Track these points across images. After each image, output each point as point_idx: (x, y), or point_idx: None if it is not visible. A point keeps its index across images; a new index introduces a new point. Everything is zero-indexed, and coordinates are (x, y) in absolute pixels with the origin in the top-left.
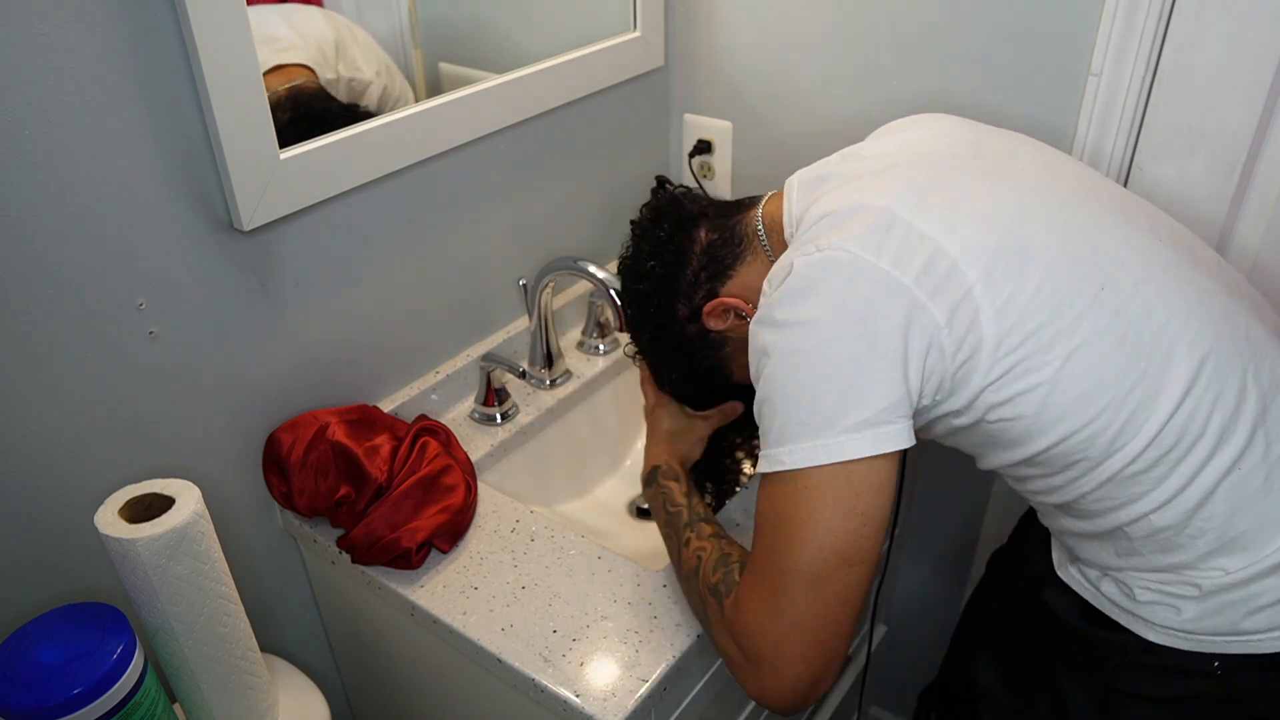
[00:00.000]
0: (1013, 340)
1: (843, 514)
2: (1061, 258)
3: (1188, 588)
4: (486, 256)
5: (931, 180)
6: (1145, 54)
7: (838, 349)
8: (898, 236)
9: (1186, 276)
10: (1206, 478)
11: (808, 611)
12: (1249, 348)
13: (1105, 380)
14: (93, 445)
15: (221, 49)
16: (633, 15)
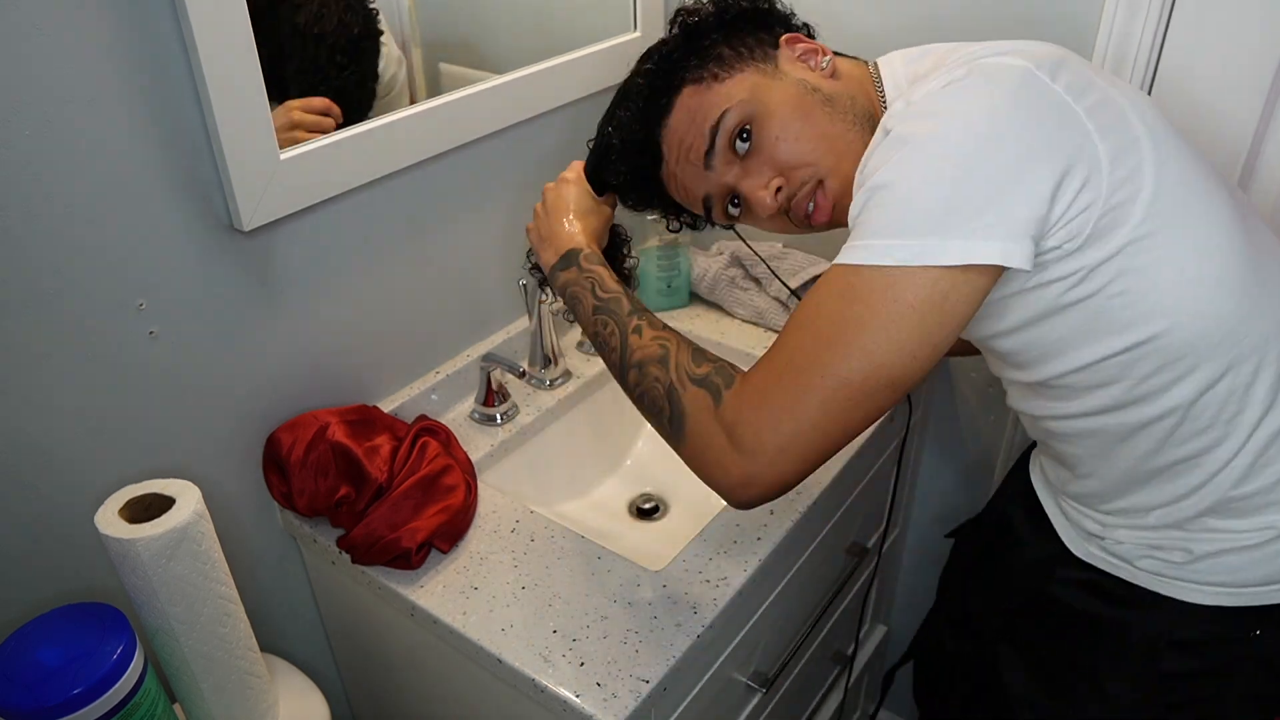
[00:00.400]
0: (1163, 202)
1: (922, 336)
2: (1208, 175)
3: (1248, 535)
4: (486, 256)
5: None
6: (1145, 54)
7: (994, 147)
8: (1069, 73)
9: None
10: (1274, 421)
11: (832, 420)
12: None
13: (1231, 283)
14: (93, 445)
15: (221, 49)
16: (633, 15)
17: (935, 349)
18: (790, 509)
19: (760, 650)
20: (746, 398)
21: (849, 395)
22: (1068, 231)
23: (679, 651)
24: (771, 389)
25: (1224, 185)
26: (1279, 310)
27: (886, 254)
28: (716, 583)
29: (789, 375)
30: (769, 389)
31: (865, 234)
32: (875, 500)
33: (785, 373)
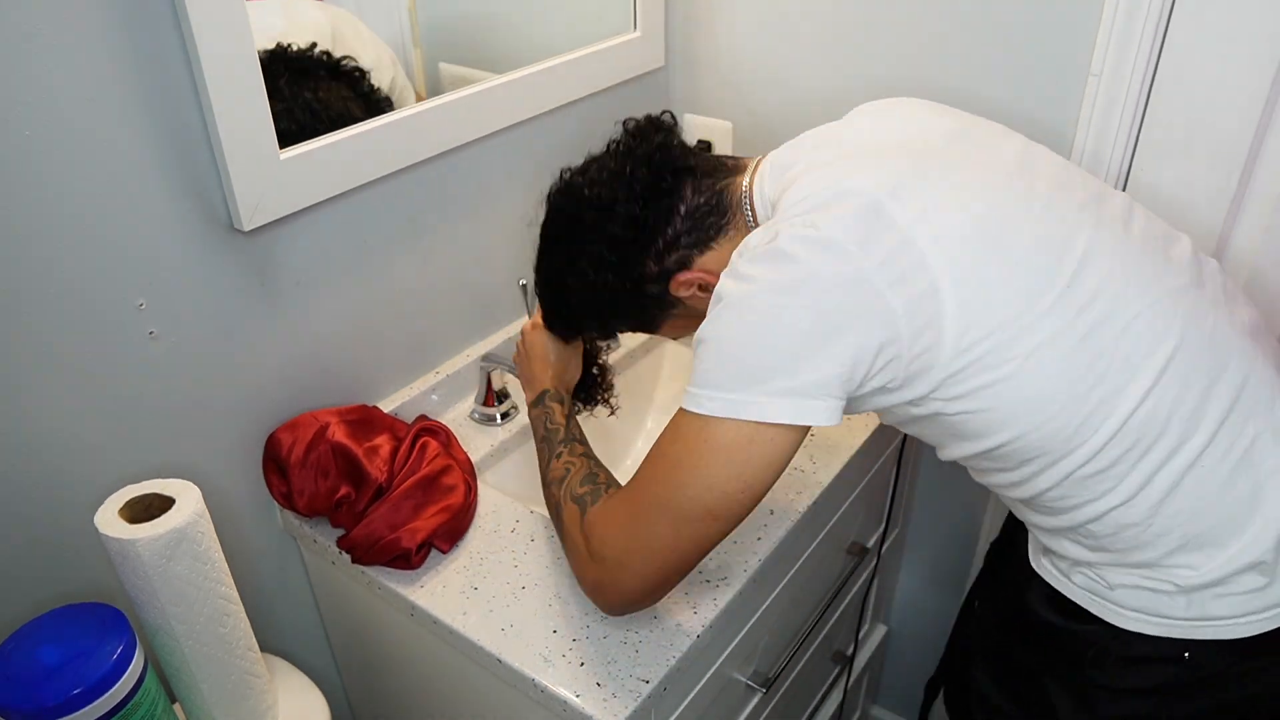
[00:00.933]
0: (974, 335)
1: (730, 475)
2: (1029, 253)
3: (1160, 584)
4: (486, 256)
5: (906, 169)
6: (1145, 54)
7: (787, 315)
8: (869, 222)
9: (1155, 273)
10: (1168, 475)
11: (661, 541)
12: (1214, 346)
13: (1066, 378)
14: (93, 445)
15: (222, 49)
16: (633, 15)
17: (748, 484)
18: (790, 509)
19: (760, 650)
20: (601, 513)
21: (672, 521)
22: (882, 379)
23: (679, 651)
24: (618, 508)
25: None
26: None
27: (700, 404)
28: (716, 583)
29: (632, 498)
30: (617, 508)
31: (691, 383)
32: (875, 500)
33: (630, 495)
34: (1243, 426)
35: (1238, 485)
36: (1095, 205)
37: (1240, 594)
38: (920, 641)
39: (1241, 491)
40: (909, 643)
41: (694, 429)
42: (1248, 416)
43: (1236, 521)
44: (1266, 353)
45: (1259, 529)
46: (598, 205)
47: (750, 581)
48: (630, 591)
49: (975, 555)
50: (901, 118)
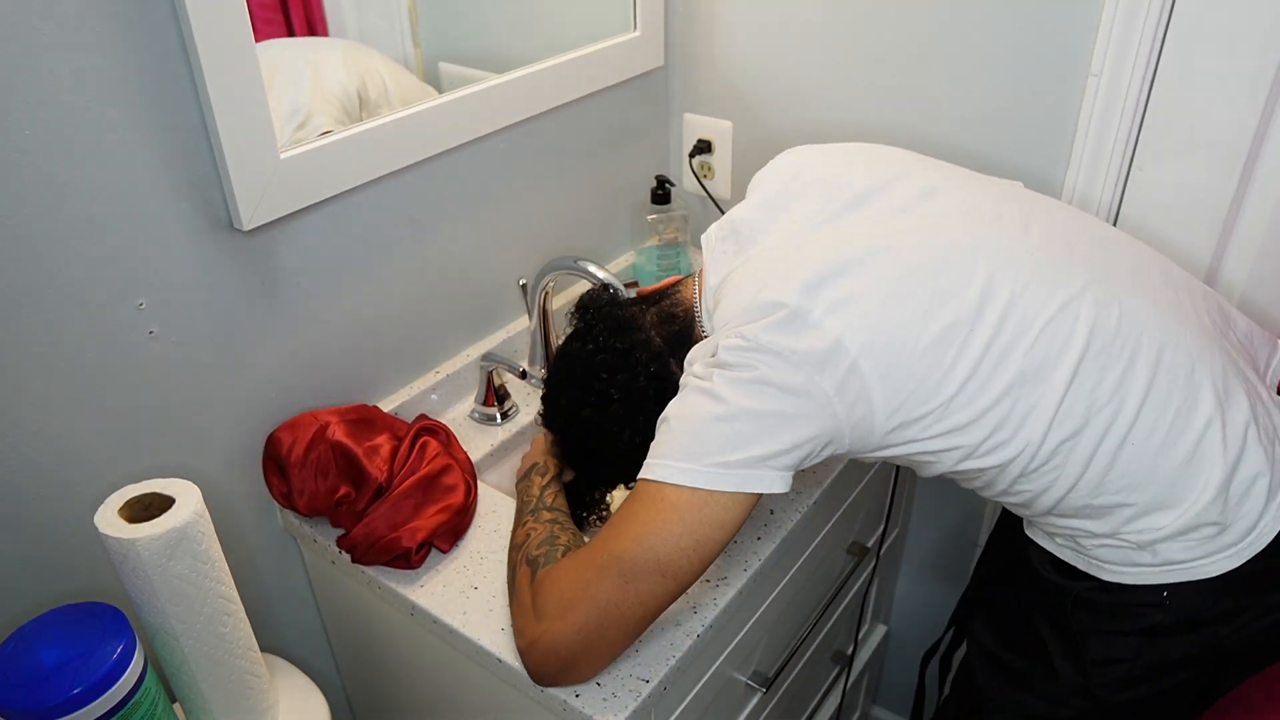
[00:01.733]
0: (898, 401)
1: (680, 533)
2: (930, 309)
3: (1126, 542)
4: (486, 256)
5: (812, 259)
6: (1145, 54)
7: (738, 401)
8: (792, 327)
9: (1055, 278)
10: (1103, 457)
11: (607, 595)
12: (1124, 330)
13: (989, 403)
14: (93, 445)
15: (222, 49)
16: (633, 15)
17: (698, 542)
18: (790, 509)
19: (760, 650)
20: (552, 571)
21: (622, 574)
22: (829, 451)
23: (679, 651)
24: (570, 565)
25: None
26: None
27: (654, 471)
28: (716, 583)
29: (586, 555)
30: (569, 565)
31: (650, 454)
32: (875, 500)
33: (583, 554)
34: (1167, 398)
35: (1173, 452)
36: (995, 222)
37: (1199, 540)
38: (920, 642)
39: (1178, 457)
40: (909, 643)
41: (650, 492)
42: (1170, 387)
43: (1180, 485)
44: (1186, 321)
45: (1200, 489)
46: (596, 399)
47: (750, 581)
48: (564, 646)
49: (975, 555)
50: (810, 184)
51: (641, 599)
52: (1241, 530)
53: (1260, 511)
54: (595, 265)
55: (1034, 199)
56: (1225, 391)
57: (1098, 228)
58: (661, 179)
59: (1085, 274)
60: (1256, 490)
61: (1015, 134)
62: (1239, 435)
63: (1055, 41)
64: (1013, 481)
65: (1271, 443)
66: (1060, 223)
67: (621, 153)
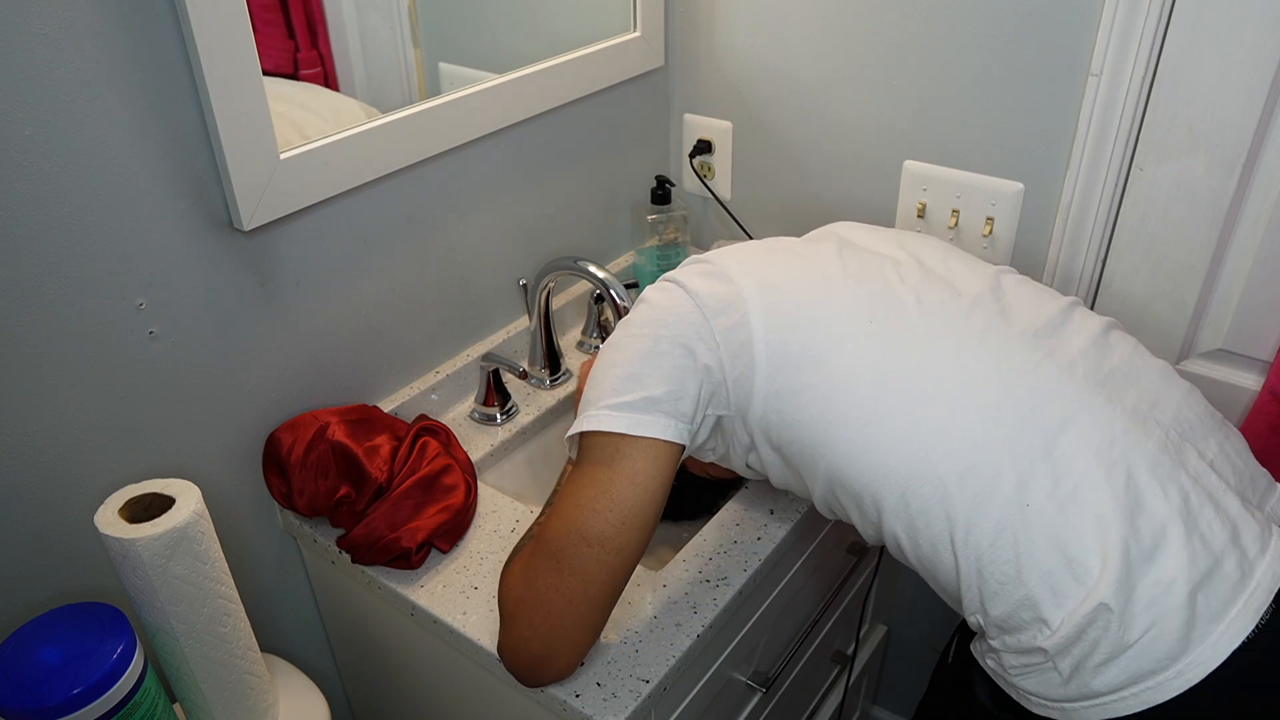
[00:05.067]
0: (779, 358)
1: (593, 493)
2: (840, 299)
3: (1031, 655)
4: (486, 256)
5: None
6: (1145, 54)
7: (630, 343)
8: (705, 270)
9: (972, 327)
10: (991, 514)
11: (546, 581)
12: (1032, 386)
13: (865, 406)
14: (93, 445)
15: (221, 49)
16: (633, 15)
17: (615, 504)
18: (790, 509)
19: (760, 650)
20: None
21: (550, 554)
22: (714, 407)
23: (679, 651)
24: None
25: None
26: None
27: (570, 431)
28: (716, 583)
29: (529, 546)
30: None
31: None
32: None
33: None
34: (1069, 466)
35: (1072, 520)
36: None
37: (1112, 660)
38: (920, 641)
39: (1075, 533)
40: (909, 643)
41: (568, 471)
42: (1073, 456)
43: (1075, 565)
44: (1114, 395)
45: (1096, 577)
46: None
47: (750, 581)
48: (525, 647)
49: None
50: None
51: (579, 576)
52: (1158, 654)
53: (1182, 626)
54: (595, 265)
55: (988, 275)
56: (1145, 481)
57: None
58: (661, 179)
59: (996, 322)
60: (1171, 596)
61: (1015, 134)
62: (1156, 528)
63: (1055, 41)
64: (897, 518)
65: (1204, 544)
66: (976, 277)
67: (621, 153)
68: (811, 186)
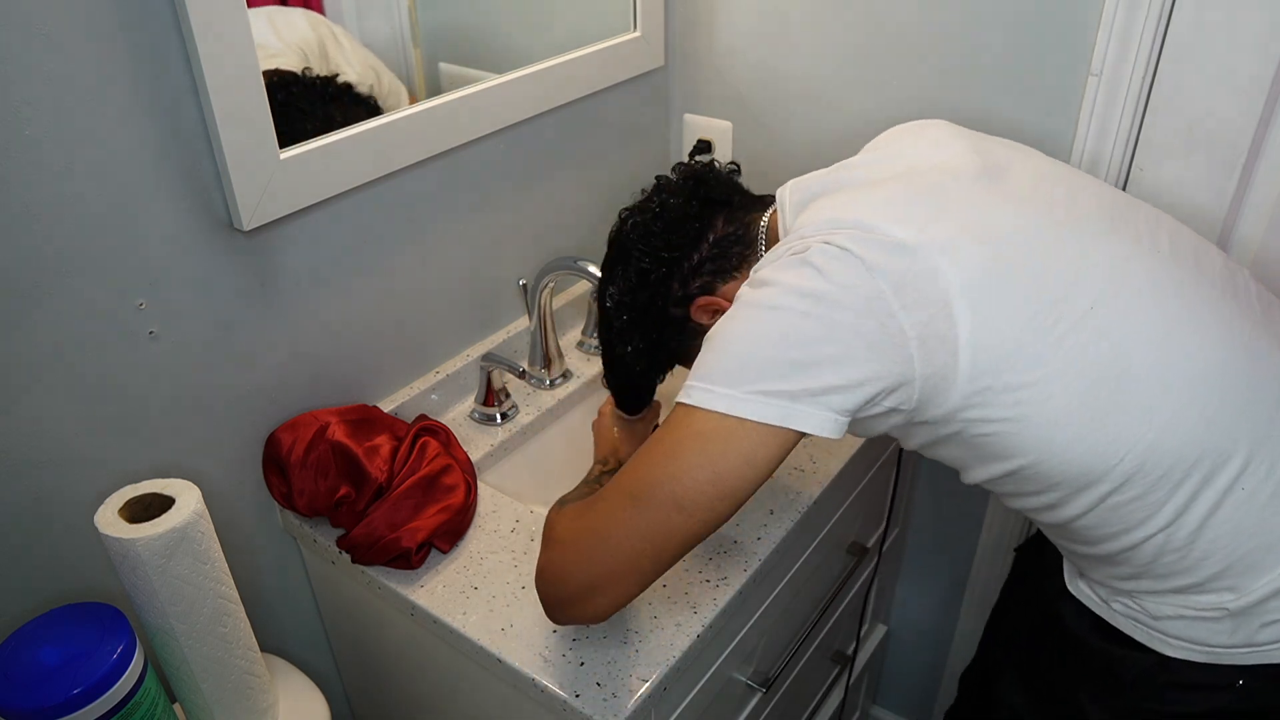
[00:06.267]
0: (989, 359)
1: (700, 464)
2: (1047, 277)
3: (1203, 610)
4: (486, 256)
5: (919, 193)
6: (1145, 54)
7: (796, 320)
8: (884, 245)
9: (1183, 293)
10: (1204, 501)
11: (618, 525)
12: (1249, 362)
13: (1083, 403)
14: (93, 445)
15: (221, 48)
16: (633, 15)
17: (717, 477)
18: (790, 509)
19: (760, 650)
20: (573, 505)
21: (634, 503)
22: (894, 401)
23: (679, 651)
24: (590, 499)
25: (1140, 279)
26: (1195, 422)
27: (689, 395)
28: (716, 583)
29: (606, 488)
30: (588, 498)
31: (690, 375)
32: (875, 500)
33: (605, 488)
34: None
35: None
36: (1119, 225)
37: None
38: (920, 641)
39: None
40: (909, 643)
41: (678, 419)
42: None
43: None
44: None
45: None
46: (640, 229)
47: (750, 581)
48: (568, 574)
49: (975, 555)
50: (922, 141)
51: (652, 532)
52: None
53: None
54: (595, 265)
55: (1155, 210)
56: None
57: (1217, 250)
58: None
59: (1210, 293)
60: None
61: (1015, 133)
62: None
63: (1055, 41)
64: (1092, 508)
65: None
66: (1184, 237)
67: (621, 153)
68: None
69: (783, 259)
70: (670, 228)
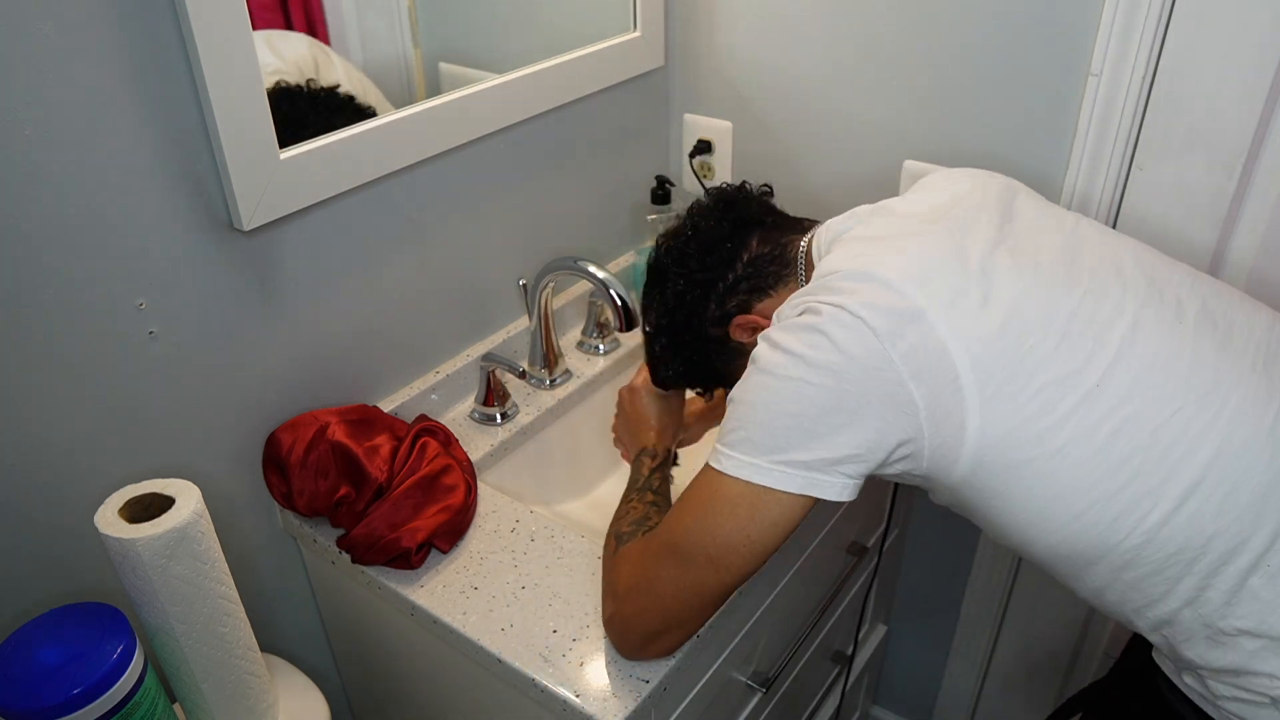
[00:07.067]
0: (995, 434)
1: (734, 527)
2: (1060, 349)
3: (1254, 695)
4: (486, 256)
5: (945, 255)
6: (1145, 54)
7: (809, 391)
8: (898, 310)
9: (1202, 361)
10: (1228, 577)
11: (664, 580)
12: (1273, 445)
13: (1093, 477)
14: (93, 445)
15: (222, 49)
16: (633, 15)
17: (750, 539)
18: None
19: (760, 650)
20: (628, 550)
21: (677, 561)
22: (903, 466)
23: (679, 651)
24: (640, 547)
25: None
26: (1199, 518)
27: (719, 462)
28: None
29: (652, 538)
30: (639, 546)
31: (720, 438)
32: (875, 500)
33: (651, 536)
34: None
35: None
36: (1142, 293)
37: None
38: (920, 641)
39: None
40: (909, 643)
41: (710, 481)
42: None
43: None
44: None
45: None
46: (675, 252)
47: (750, 582)
48: (633, 628)
49: (975, 555)
50: (962, 191)
51: (694, 588)
52: None
53: None
54: (595, 265)
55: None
56: None
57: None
58: (661, 179)
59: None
60: None
61: (1015, 133)
62: None
63: (1055, 41)
64: (1110, 582)
65: None
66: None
67: (621, 153)
68: (811, 186)
69: (795, 321)
70: (704, 249)
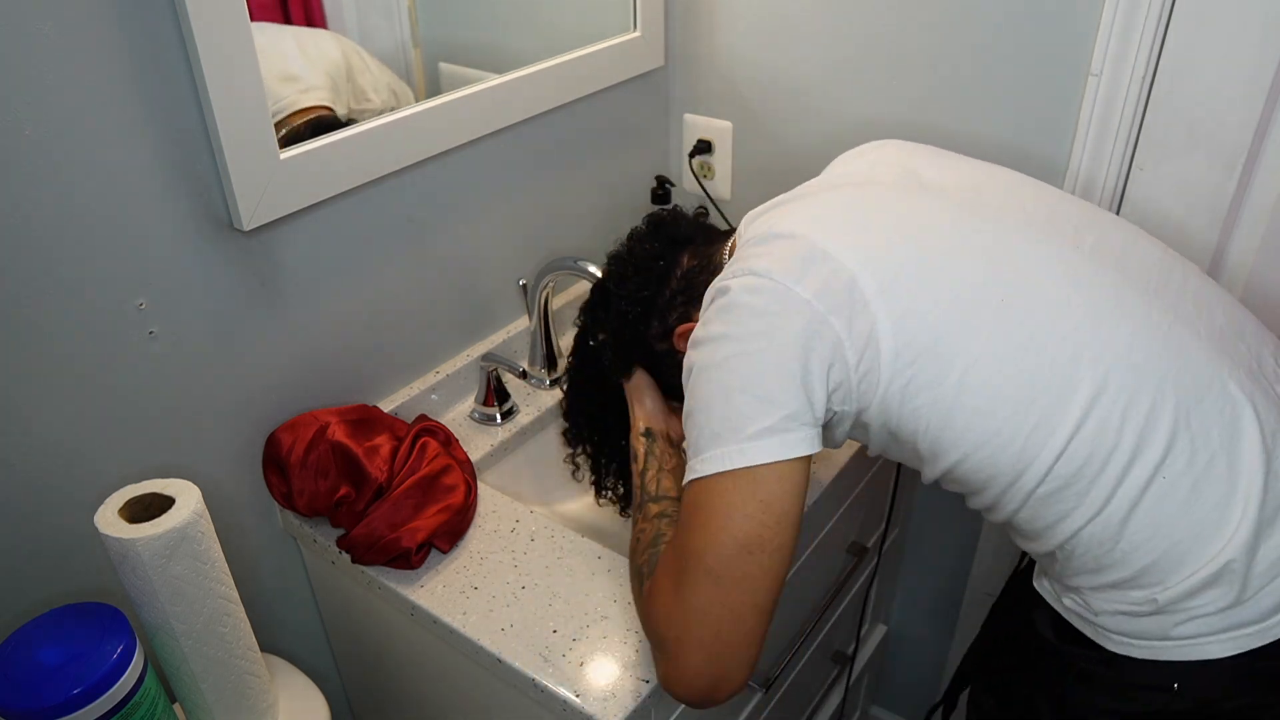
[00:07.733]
0: (910, 353)
1: (746, 508)
2: (965, 271)
3: (1136, 605)
4: (486, 256)
5: (847, 202)
6: (1145, 54)
7: (741, 362)
8: (801, 255)
9: (1100, 287)
10: (1127, 491)
11: (708, 599)
12: (1166, 356)
13: (1004, 393)
14: (93, 445)
15: (222, 49)
16: (633, 15)
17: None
18: None
19: None
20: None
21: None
22: (839, 397)
23: None
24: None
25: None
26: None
27: (695, 472)
28: None
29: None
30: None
31: (688, 456)
32: (875, 500)
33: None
34: (1206, 436)
35: (1204, 496)
36: (1042, 223)
37: (1211, 614)
38: (920, 641)
39: (1209, 502)
40: (909, 643)
41: (697, 494)
42: (1210, 426)
43: (1205, 533)
44: (1237, 357)
45: (1226, 539)
46: (610, 280)
47: None
48: (698, 672)
49: (975, 556)
50: (871, 158)
51: (741, 584)
52: (1265, 607)
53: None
54: (595, 265)
55: (1083, 203)
56: (1274, 435)
57: (1150, 242)
58: (661, 179)
59: (1133, 287)
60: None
61: (1015, 133)
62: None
63: (1055, 41)
64: (1024, 502)
65: None
66: (1112, 232)
67: (621, 153)
68: None
69: (708, 314)
70: (639, 269)
